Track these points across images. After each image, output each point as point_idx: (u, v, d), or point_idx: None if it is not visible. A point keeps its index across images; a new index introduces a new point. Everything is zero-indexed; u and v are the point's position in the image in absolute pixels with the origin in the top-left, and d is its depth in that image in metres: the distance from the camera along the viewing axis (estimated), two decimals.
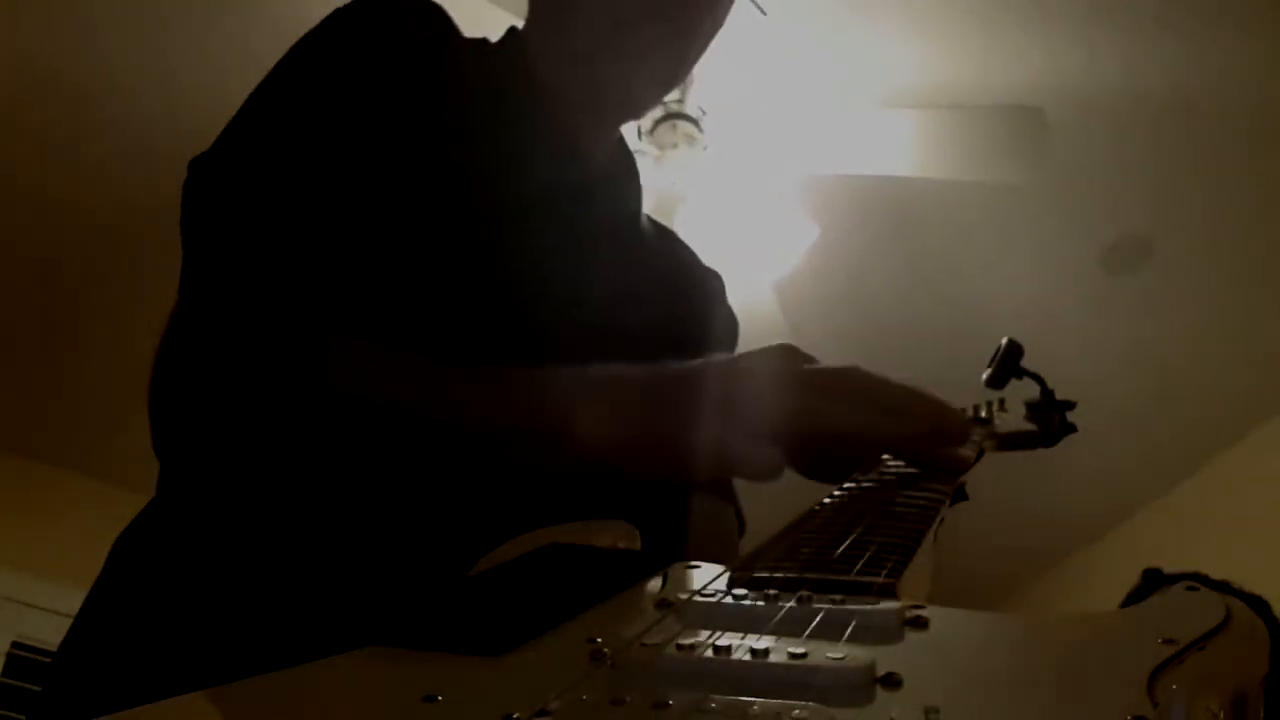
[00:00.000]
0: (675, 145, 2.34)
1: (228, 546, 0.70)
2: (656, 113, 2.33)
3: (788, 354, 0.73)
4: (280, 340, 0.70)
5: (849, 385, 0.72)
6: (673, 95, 2.33)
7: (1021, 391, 0.99)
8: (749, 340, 0.98)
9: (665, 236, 1.09)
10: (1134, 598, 0.48)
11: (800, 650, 0.40)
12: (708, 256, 1.12)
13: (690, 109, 2.34)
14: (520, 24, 1.00)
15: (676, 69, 0.96)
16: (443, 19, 0.90)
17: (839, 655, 0.40)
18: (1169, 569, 0.48)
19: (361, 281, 0.74)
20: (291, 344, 0.70)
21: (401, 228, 0.77)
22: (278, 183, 0.76)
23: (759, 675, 0.40)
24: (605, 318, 0.85)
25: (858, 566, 0.52)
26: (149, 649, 0.67)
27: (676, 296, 0.99)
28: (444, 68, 0.86)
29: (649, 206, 1.07)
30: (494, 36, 0.97)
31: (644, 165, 2.34)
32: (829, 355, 0.75)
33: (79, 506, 3.65)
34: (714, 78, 2.32)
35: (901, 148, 2.38)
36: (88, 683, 0.68)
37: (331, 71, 0.82)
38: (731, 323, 1.10)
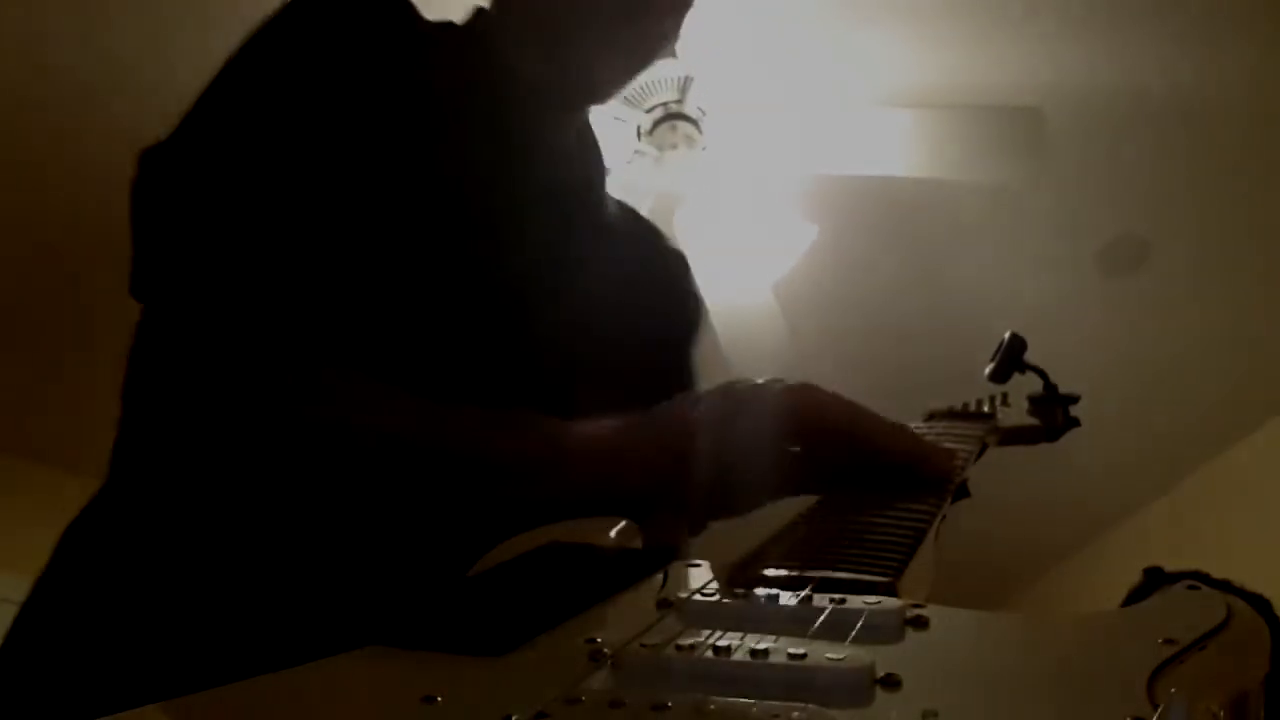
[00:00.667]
0: (675, 146, 2.34)
1: (212, 548, 0.70)
2: (656, 113, 2.33)
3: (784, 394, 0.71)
4: (243, 361, 0.70)
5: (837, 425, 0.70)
6: (672, 96, 2.33)
7: (1025, 386, 0.98)
8: (748, 339, 0.98)
9: (628, 218, 1.08)
10: (1135, 596, 0.48)
11: (800, 651, 0.40)
12: (705, 257, 1.11)
13: (689, 109, 2.34)
14: (486, 3, 0.98)
15: (645, 55, 0.94)
16: (404, 6, 0.89)
17: (839, 656, 0.40)
18: (1170, 568, 0.48)
19: (321, 290, 0.73)
20: (256, 367, 0.70)
21: (362, 230, 0.76)
22: (230, 186, 0.74)
23: (759, 676, 0.40)
24: (575, 319, 0.84)
25: (858, 565, 0.52)
26: (98, 648, 0.66)
27: (642, 292, 0.97)
28: (406, 58, 0.84)
29: (649, 207, 1.06)
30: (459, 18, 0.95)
31: (644, 166, 2.34)
32: (829, 355, 0.75)
33: (78, 507, 3.65)
34: (713, 78, 2.32)
35: (900, 148, 2.38)
36: (28, 680, 0.67)
37: (289, 65, 0.80)
38: (694, 305, 1.08)
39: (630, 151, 2.32)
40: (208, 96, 0.80)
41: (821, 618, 0.45)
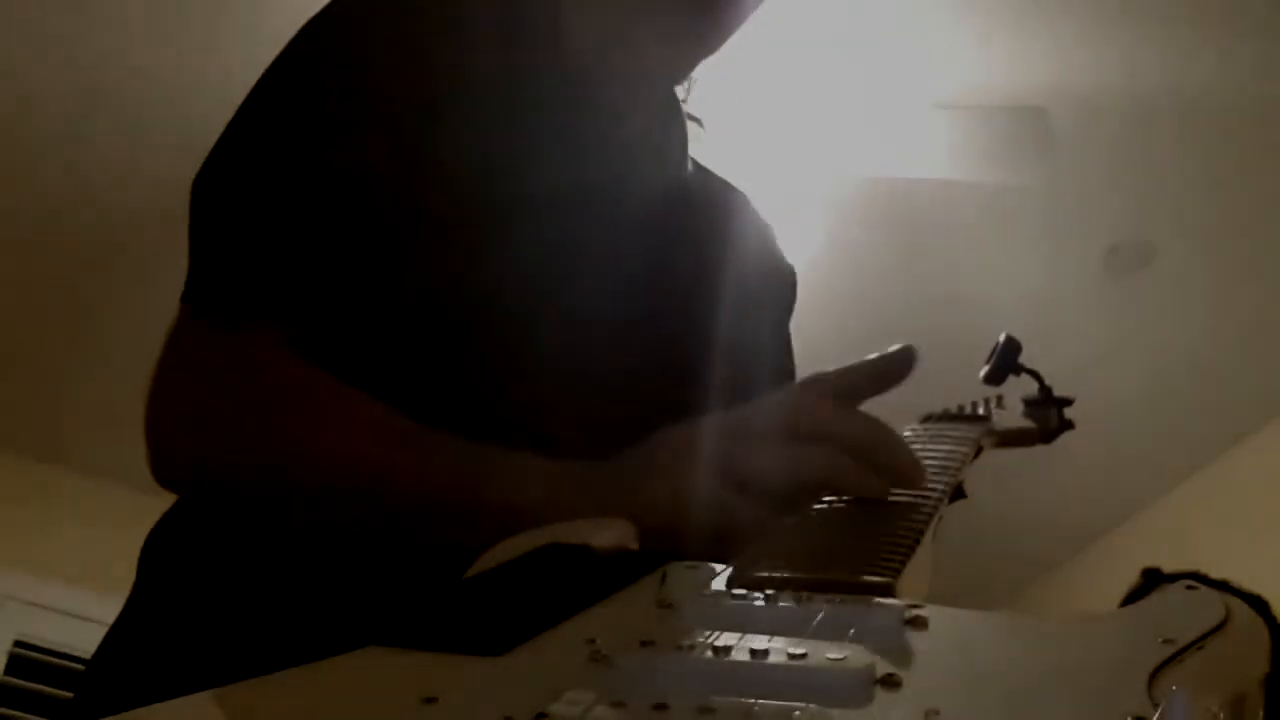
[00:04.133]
0: None
1: (235, 551, 0.71)
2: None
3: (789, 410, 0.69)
4: (267, 382, 0.71)
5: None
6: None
7: (1020, 388, 0.99)
8: None
9: (709, 190, 1.03)
10: (1133, 597, 0.48)
11: (800, 651, 0.40)
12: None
13: (693, 109, 2.34)
14: None
15: (718, 32, 0.91)
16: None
17: (839, 656, 0.40)
18: (1169, 568, 0.48)
19: (361, 300, 0.74)
20: (276, 387, 0.71)
21: (411, 238, 0.75)
22: (279, 194, 0.75)
23: (758, 676, 0.40)
24: (623, 334, 0.82)
25: (857, 566, 0.52)
26: (174, 657, 0.67)
27: (706, 292, 0.92)
28: (463, 47, 0.82)
29: None
30: None
31: None
32: (831, 357, 0.75)
33: (79, 506, 3.66)
34: (717, 79, 2.32)
35: (905, 148, 2.38)
36: (119, 691, 0.68)
37: (339, 61, 0.80)
38: (776, 278, 1.05)
39: None
40: (254, 101, 0.80)
41: (821, 618, 0.45)
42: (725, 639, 0.42)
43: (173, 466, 0.72)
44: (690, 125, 2.08)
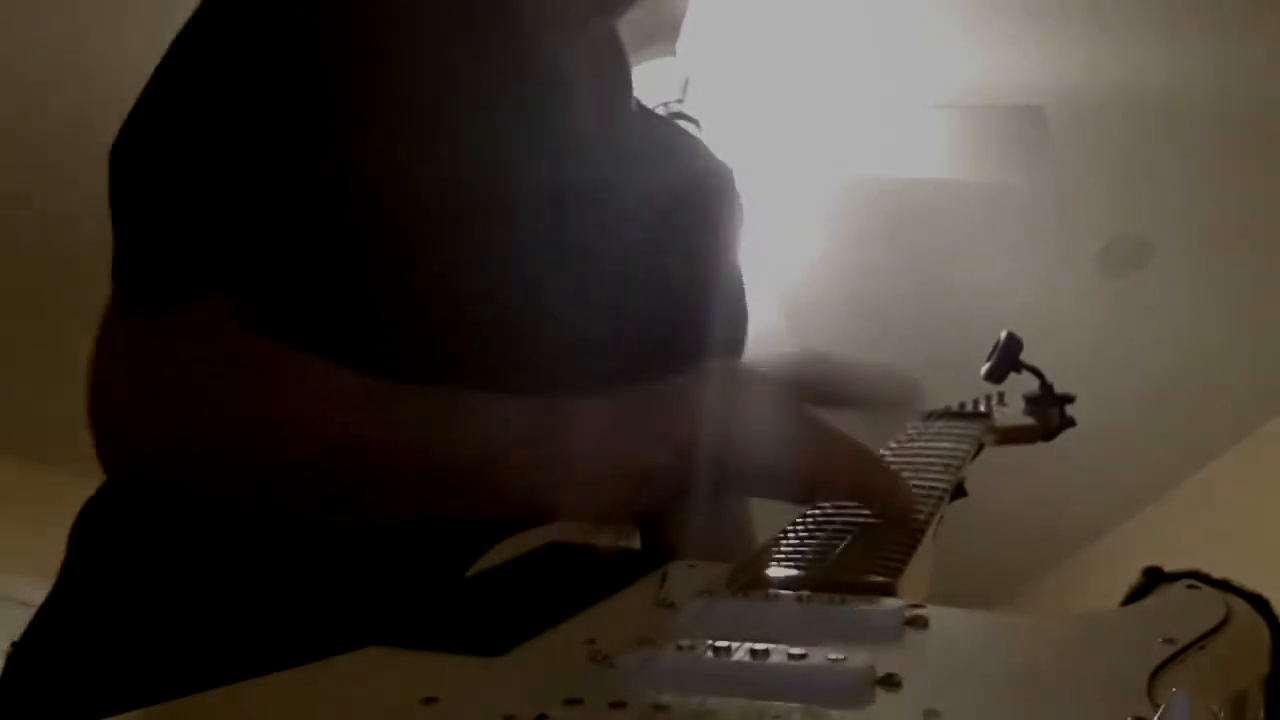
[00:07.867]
0: None
1: (177, 531, 0.68)
2: (658, 112, 2.32)
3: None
4: (215, 360, 0.68)
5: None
6: (673, 95, 2.33)
7: (1021, 386, 0.99)
8: (749, 340, 0.97)
9: (660, 135, 0.98)
10: (1134, 596, 0.48)
11: (800, 651, 0.40)
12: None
13: (690, 109, 2.34)
14: None
15: None
16: None
17: (839, 656, 0.40)
18: (1170, 567, 0.48)
19: (310, 277, 0.70)
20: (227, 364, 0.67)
21: (367, 236, 0.71)
22: (200, 169, 0.71)
23: (759, 676, 0.40)
24: (580, 289, 0.78)
25: (857, 565, 0.52)
26: (114, 646, 0.64)
27: (660, 248, 0.88)
28: (410, 24, 0.76)
29: None
30: None
31: None
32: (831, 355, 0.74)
33: (74, 508, 3.65)
34: (713, 79, 2.32)
35: (901, 148, 2.38)
36: (48, 681, 0.65)
37: (252, 24, 0.75)
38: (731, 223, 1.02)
39: None
40: (166, 68, 0.77)
41: (821, 618, 0.45)
42: (725, 639, 0.42)
43: (124, 446, 0.69)
44: (687, 125, 2.06)
